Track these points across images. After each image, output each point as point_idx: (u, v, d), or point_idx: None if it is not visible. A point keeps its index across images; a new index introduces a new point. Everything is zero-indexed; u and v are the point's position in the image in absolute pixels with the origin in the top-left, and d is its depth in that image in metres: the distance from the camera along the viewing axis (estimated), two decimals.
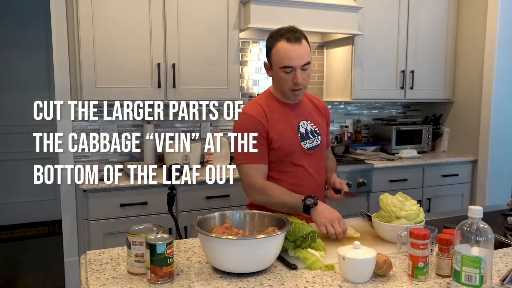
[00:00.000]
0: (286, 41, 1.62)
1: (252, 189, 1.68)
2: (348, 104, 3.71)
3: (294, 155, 1.72)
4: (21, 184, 4.56)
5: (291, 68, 1.63)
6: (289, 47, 1.62)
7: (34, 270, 3.42)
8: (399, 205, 1.50)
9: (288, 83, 1.66)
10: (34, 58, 4.48)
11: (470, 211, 1.09)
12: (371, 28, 3.26)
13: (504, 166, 3.42)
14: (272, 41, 1.66)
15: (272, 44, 1.66)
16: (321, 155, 1.84)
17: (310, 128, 1.79)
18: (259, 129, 1.67)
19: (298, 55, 1.62)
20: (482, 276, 1.06)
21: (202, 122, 3.21)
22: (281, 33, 1.64)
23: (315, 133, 1.79)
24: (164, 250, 1.15)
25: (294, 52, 1.62)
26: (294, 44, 1.62)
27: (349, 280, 1.19)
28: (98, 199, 2.43)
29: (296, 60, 1.62)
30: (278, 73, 1.66)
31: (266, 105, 1.73)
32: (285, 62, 1.62)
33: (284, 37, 1.63)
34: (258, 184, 1.66)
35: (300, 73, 1.64)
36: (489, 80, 3.32)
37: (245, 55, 3.30)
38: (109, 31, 2.60)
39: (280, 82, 1.68)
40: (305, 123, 1.78)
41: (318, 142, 1.80)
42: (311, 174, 1.77)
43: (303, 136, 1.75)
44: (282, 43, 1.62)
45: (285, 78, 1.65)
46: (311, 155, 1.76)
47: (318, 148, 1.79)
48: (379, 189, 3.05)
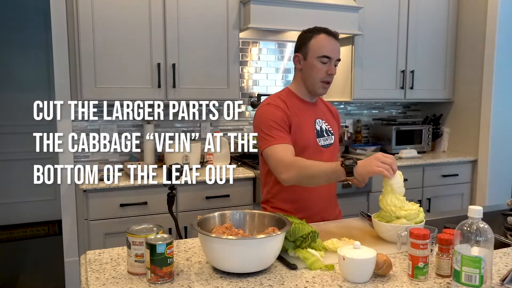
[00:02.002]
0: (327, 34, 1.73)
1: (282, 166, 1.60)
2: (348, 104, 3.71)
3: (309, 150, 1.74)
4: (21, 184, 4.55)
5: (328, 59, 1.71)
6: (330, 39, 1.73)
7: (34, 270, 3.42)
8: (399, 205, 1.50)
9: (322, 74, 1.72)
10: (34, 58, 4.47)
11: (470, 211, 1.09)
12: (371, 28, 3.26)
13: (504, 166, 3.42)
14: (311, 33, 1.74)
15: (310, 35, 1.74)
16: (334, 154, 1.87)
17: (325, 127, 1.83)
18: (284, 117, 1.71)
19: (336, 48, 1.74)
20: (482, 276, 1.06)
21: (202, 122, 3.21)
22: (320, 28, 1.75)
23: (329, 132, 1.84)
24: (164, 250, 1.15)
25: (333, 45, 1.73)
26: (334, 39, 1.74)
27: (349, 280, 1.19)
28: (98, 199, 2.43)
29: (334, 52, 1.73)
30: (314, 63, 1.72)
31: (287, 100, 1.77)
32: (325, 52, 1.70)
33: (324, 31, 1.73)
34: (289, 159, 1.60)
35: (333, 66, 1.73)
36: (489, 80, 3.32)
37: (245, 55, 3.30)
38: (109, 31, 2.60)
39: (313, 72, 1.73)
40: (321, 122, 1.82)
41: (332, 141, 1.84)
42: None
43: (318, 133, 1.79)
44: (323, 36, 1.72)
45: (320, 68, 1.72)
46: (325, 152, 1.80)
47: (331, 146, 1.83)
48: (379, 189, 3.00)
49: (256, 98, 3.24)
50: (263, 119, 1.71)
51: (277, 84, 3.43)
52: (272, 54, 3.39)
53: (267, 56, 3.38)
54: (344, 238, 1.49)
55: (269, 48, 3.38)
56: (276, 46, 3.40)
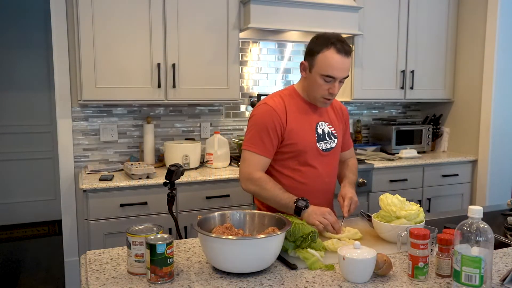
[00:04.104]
0: (337, 51, 1.61)
1: (247, 178, 1.69)
2: (348, 104, 3.71)
3: (308, 154, 1.72)
4: (21, 184, 4.56)
5: (332, 78, 1.63)
6: (338, 58, 1.61)
7: (34, 270, 3.42)
8: (399, 205, 1.50)
9: (323, 91, 1.66)
10: (34, 58, 4.48)
11: (470, 211, 1.09)
12: (371, 28, 3.26)
13: (504, 166, 3.41)
14: (321, 46, 1.63)
15: (319, 49, 1.63)
16: (335, 158, 1.84)
17: (328, 130, 1.79)
18: (275, 122, 1.67)
19: (343, 68, 1.63)
20: (482, 276, 1.06)
21: (202, 122, 3.21)
22: (332, 41, 1.62)
23: (332, 135, 1.80)
24: (164, 250, 1.15)
25: (341, 64, 1.62)
26: (343, 57, 1.62)
27: (349, 280, 1.19)
28: (98, 199, 2.42)
29: (340, 72, 1.63)
30: (316, 79, 1.65)
31: (289, 100, 1.74)
32: (330, 72, 1.61)
33: (335, 46, 1.61)
34: (256, 175, 1.67)
35: (338, 84, 1.65)
36: (489, 80, 3.32)
37: (245, 55, 3.30)
38: (109, 31, 2.60)
39: (315, 87, 1.68)
40: (323, 124, 1.78)
41: (334, 144, 1.80)
42: (322, 176, 1.77)
43: (319, 137, 1.75)
44: (331, 52, 1.61)
45: (322, 85, 1.65)
46: (325, 156, 1.77)
47: (333, 150, 1.80)
48: (379, 189, 3.05)
49: (256, 98, 3.24)
50: (257, 118, 1.71)
51: (277, 84, 3.43)
52: (272, 54, 3.39)
53: (267, 56, 3.38)
54: (344, 238, 1.50)
55: (269, 48, 3.38)
56: (276, 46, 3.40)
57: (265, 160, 1.70)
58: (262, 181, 1.66)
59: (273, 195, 1.63)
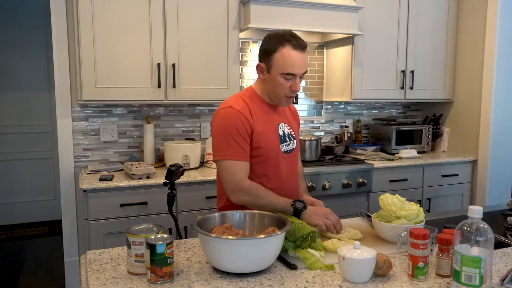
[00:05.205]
0: (293, 47, 1.58)
1: (237, 190, 1.59)
2: (348, 104, 3.72)
3: (274, 157, 1.69)
4: (21, 184, 4.56)
5: (292, 76, 1.60)
6: (295, 54, 1.58)
7: (34, 270, 3.42)
8: (399, 205, 1.50)
9: (285, 89, 1.62)
10: (34, 58, 4.48)
11: (470, 211, 1.09)
12: (371, 28, 3.26)
13: (504, 166, 3.41)
14: (276, 45, 1.59)
15: (275, 48, 1.59)
16: (295, 160, 1.81)
17: (288, 131, 1.76)
18: (245, 126, 1.60)
19: (302, 63, 1.60)
20: (482, 276, 1.06)
21: (202, 122, 3.21)
22: (286, 38, 1.58)
23: (291, 137, 1.77)
24: (164, 250, 1.15)
25: (299, 60, 1.59)
26: (300, 52, 1.59)
27: (349, 280, 1.19)
28: (98, 199, 2.42)
29: (300, 68, 1.60)
30: (277, 78, 1.61)
31: (251, 103, 1.67)
32: (290, 69, 1.58)
33: (290, 43, 1.58)
34: (245, 185, 1.59)
35: (298, 81, 1.63)
36: (489, 80, 3.32)
37: (245, 55, 3.30)
38: (109, 31, 2.60)
39: (276, 87, 1.63)
40: (283, 126, 1.75)
41: (294, 146, 1.78)
42: (288, 179, 1.75)
43: (281, 138, 1.72)
44: (287, 49, 1.58)
45: (283, 84, 1.61)
46: (287, 158, 1.74)
47: (293, 152, 1.78)
48: (379, 189, 3.05)
49: None
50: (226, 124, 1.60)
51: None
52: None
53: None
54: (344, 238, 1.50)
55: None
56: None
57: (247, 165, 1.62)
58: (253, 190, 1.59)
59: (268, 202, 1.56)
